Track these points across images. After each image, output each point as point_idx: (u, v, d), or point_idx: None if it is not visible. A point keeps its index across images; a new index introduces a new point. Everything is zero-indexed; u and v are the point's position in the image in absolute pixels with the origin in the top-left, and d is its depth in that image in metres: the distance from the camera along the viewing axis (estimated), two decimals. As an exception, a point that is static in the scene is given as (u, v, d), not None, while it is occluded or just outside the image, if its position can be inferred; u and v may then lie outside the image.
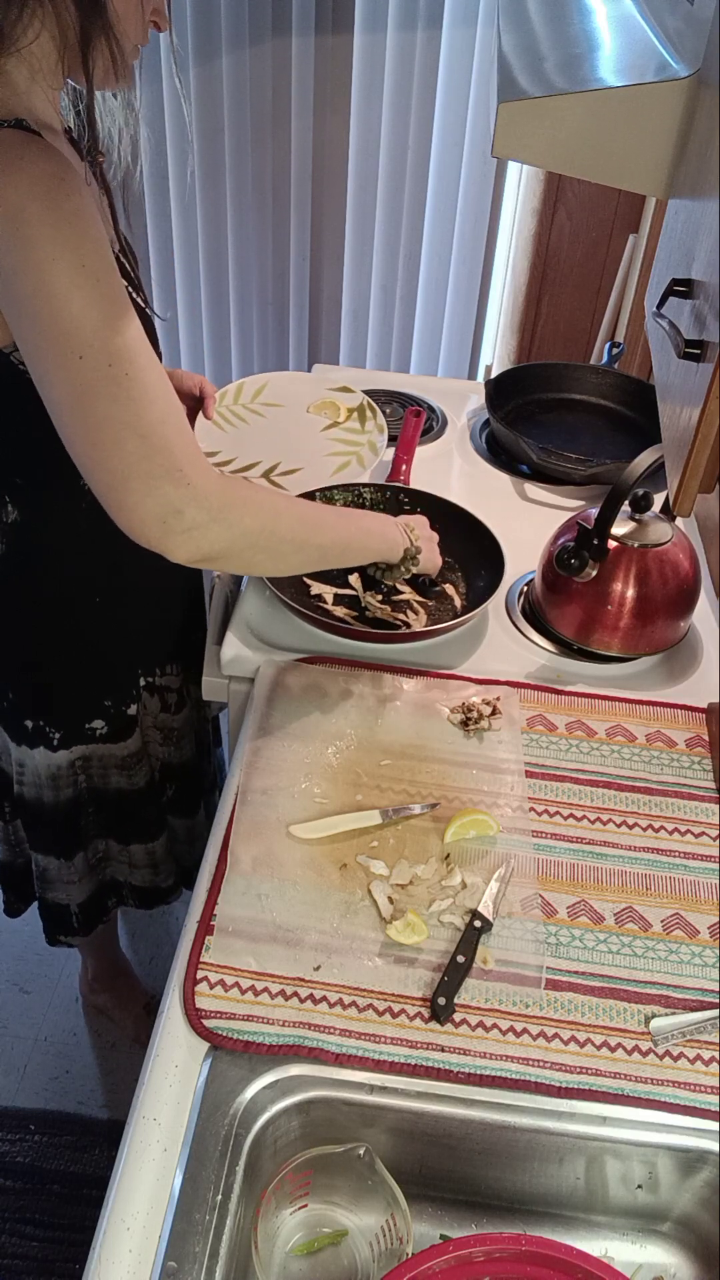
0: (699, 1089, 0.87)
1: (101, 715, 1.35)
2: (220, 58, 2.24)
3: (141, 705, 1.39)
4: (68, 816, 1.44)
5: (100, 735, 1.36)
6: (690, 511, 0.81)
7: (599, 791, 1.13)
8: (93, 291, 0.86)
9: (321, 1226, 0.90)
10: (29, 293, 0.86)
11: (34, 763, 1.38)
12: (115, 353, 0.88)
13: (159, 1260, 0.75)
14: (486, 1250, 0.73)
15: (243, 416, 1.57)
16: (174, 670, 1.41)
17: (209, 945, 0.94)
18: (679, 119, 0.91)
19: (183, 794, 1.55)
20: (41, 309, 0.86)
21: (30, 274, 0.85)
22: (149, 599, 1.32)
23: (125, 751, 1.40)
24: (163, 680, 1.40)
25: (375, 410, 1.56)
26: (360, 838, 1.05)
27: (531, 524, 1.47)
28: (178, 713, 1.45)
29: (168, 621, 1.39)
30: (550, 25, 1.12)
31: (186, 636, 1.43)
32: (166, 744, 1.47)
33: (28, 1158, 1.72)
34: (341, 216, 2.44)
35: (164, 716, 1.44)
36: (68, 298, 0.85)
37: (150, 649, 1.37)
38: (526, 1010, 0.91)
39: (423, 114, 2.29)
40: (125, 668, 1.35)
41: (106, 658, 1.32)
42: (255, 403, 1.60)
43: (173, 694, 1.43)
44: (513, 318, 2.52)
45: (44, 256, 0.85)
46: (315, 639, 1.28)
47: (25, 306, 0.87)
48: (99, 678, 1.33)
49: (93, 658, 1.31)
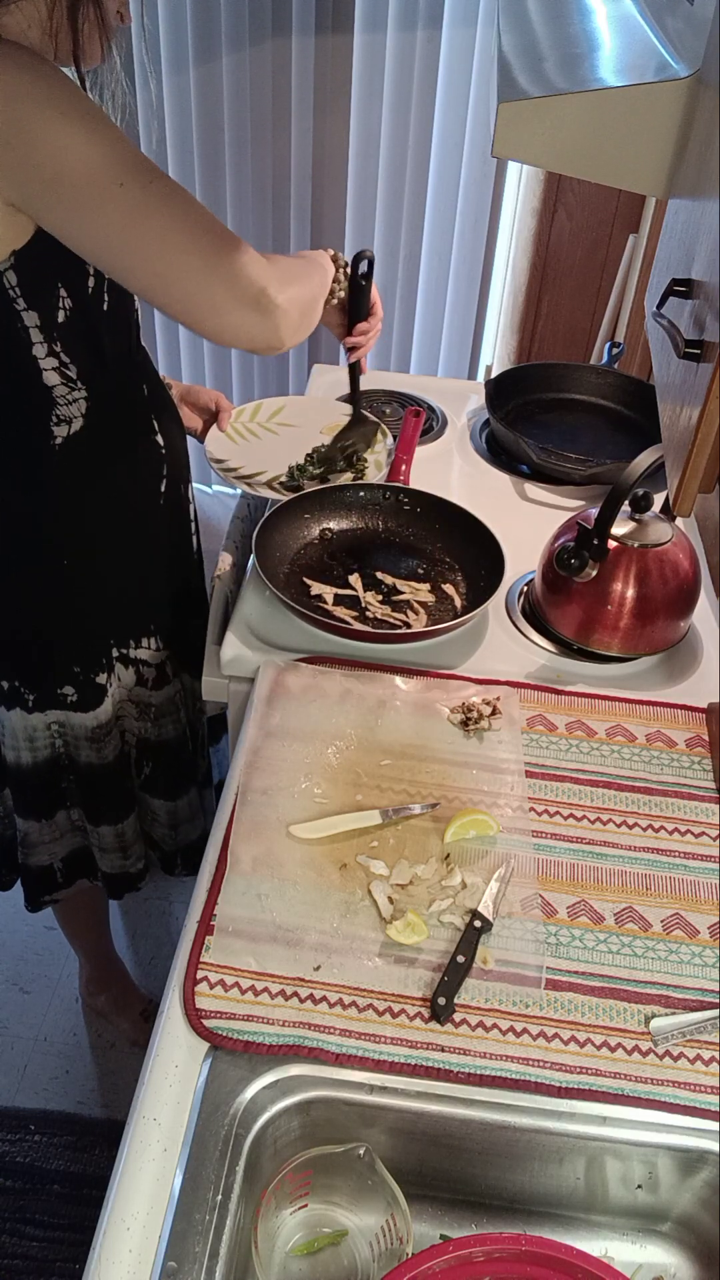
0: (699, 1089, 0.87)
1: (71, 682, 1.36)
2: (220, 58, 2.24)
3: (115, 677, 1.40)
4: (48, 778, 1.47)
5: (71, 703, 1.38)
6: (690, 511, 0.81)
7: (599, 791, 1.13)
8: (107, 131, 0.95)
9: (321, 1226, 0.90)
10: (50, 153, 0.93)
11: (12, 724, 1.40)
12: (149, 170, 0.97)
13: (159, 1260, 0.75)
14: (486, 1250, 0.73)
15: (255, 433, 1.60)
16: (153, 645, 1.42)
17: (209, 945, 0.94)
18: (679, 119, 0.91)
19: (163, 775, 1.55)
20: (71, 161, 0.94)
21: (46, 137, 0.93)
22: (121, 568, 1.33)
23: (94, 722, 1.41)
24: (139, 653, 1.41)
25: (386, 434, 1.61)
26: (360, 838, 1.05)
27: (531, 524, 1.47)
28: (156, 689, 1.46)
29: (146, 594, 1.39)
30: (550, 25, 1.12)
31: (174, 615, 1.44)
32: (143, 719, 1.48)
33: (27, 1158, 1.72)
34: (341, 216, 2.44)
35: (140, 691, 1.45)
36: (89, 141, 0.94)
37: (124, 620, 1.38)
38: (526, 1010, 0.91)
39: (423, 114, 2.29)
40: (95, 635, 1.36)
41: (75, 623, 1.33)
42: (271, 421, 1.63)
43: (150, 669, 1.43)
44: (513, 318, 2.52)
45: (53, 114, 0.92)
46: (315, 639, 1.28)
47: (48, 168, 0.94)
48: (68, 643, 1.34)
49: (60, 622, 1.32)
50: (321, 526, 1.46)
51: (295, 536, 1.44)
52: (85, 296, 1.09)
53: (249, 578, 1.37)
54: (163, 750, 1.52)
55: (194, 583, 1.51)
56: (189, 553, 1.48)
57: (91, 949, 1.89)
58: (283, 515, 1.42)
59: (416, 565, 1.42)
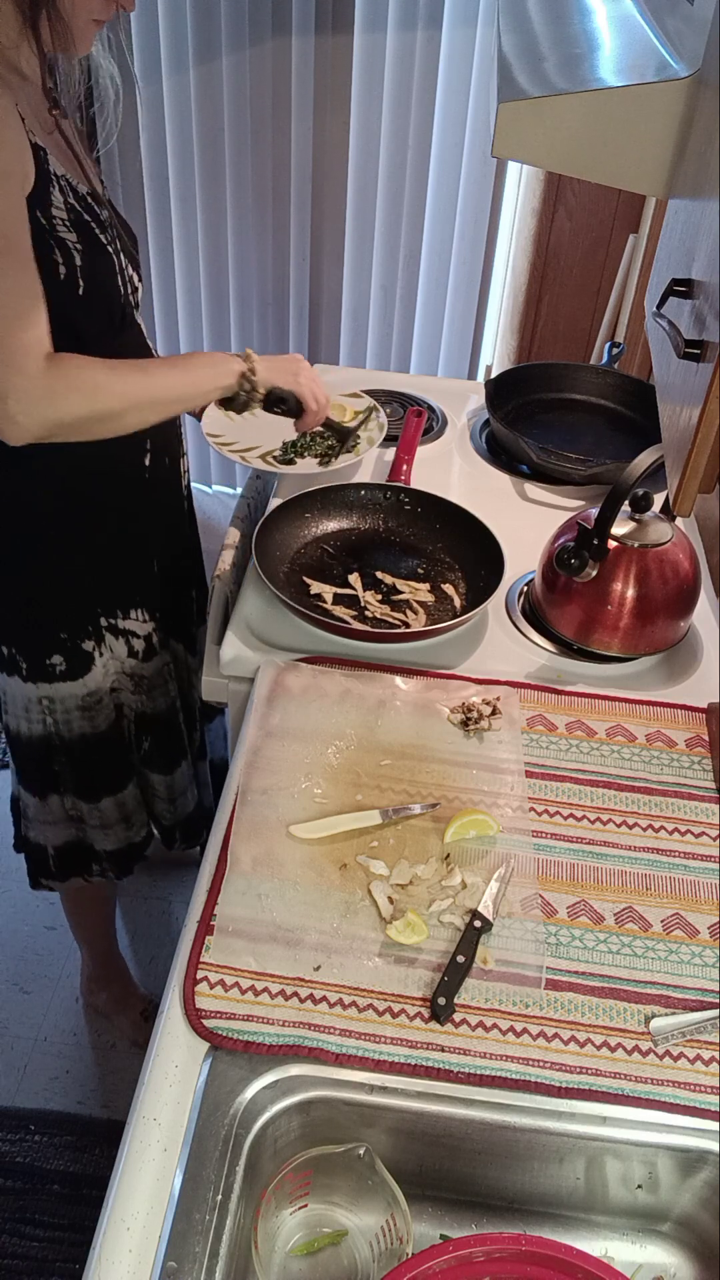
0: (699, 1089, 0.87)
1: (59, 650, 1.39)
2: (220, 58, 2.24)
3: (106, 648, 1.43)
4: (40, 754, 1.50)
5: (60, 673, 1.41)
6: (690, 511, 0.81)
7: (599, 791, 1.13)
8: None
9: (321, 1226, 0.90)
10: None
11: (11, 691, 1.44)
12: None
13: (159, 1260, 0.75)
14: (486, 1250, 0.73)
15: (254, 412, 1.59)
16: (141, 616, 1.45)
17: (209, 945, 0.94)
18: (679, 119, 0.91)
19: (159, 748, 1.58)
20: None
21: None
22: (103, 537, 1.36)
23: (84, 690, 1.44)
24: (127, 624, 1.43)
25: (379, 410, 1.63)
26: (360, 838, 1.05)
27: (531, 524, 1.47)
28: (147, 661, 1.49)
29: (133, 565, 1.42)
30: (550, 25, 1.12)
31: (165, 588, 1.47)
32: (138, 692, 1.51)
33: (27, 1158, 1.72)
34: (341, 216, 2.44)
35: (132, 663, 1.47)
36: None
37: (112, 590, 1.41)
38: (526, 1010, 0.91)
39: (423, 114, 2.29)
40: (82, 603, 1.39)
41: (60, 589, 1.36)
42: None
43: (140, 640, 1.46)
44: (513, 318, 2.52)
45: None
46: (315, 639, 1.28)
47: None
48: (55, 609, 1.37)
49: (46, 587, 1.36)
50: (321, 526, 1.46)
51: (295, 536, 1.44)
52: (57, 282, 1.13)
53: (249, 577, 1.37)
54: (155, 722, 1.55)
55: (185, 557, 1.53)
56: (181, 526, 1.50)
57: (96, 945, 1.90)
58: (283, 515, 1.42)
59: (416, 565, 1.42)
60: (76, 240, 1.14)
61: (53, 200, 1.11)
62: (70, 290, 1.14)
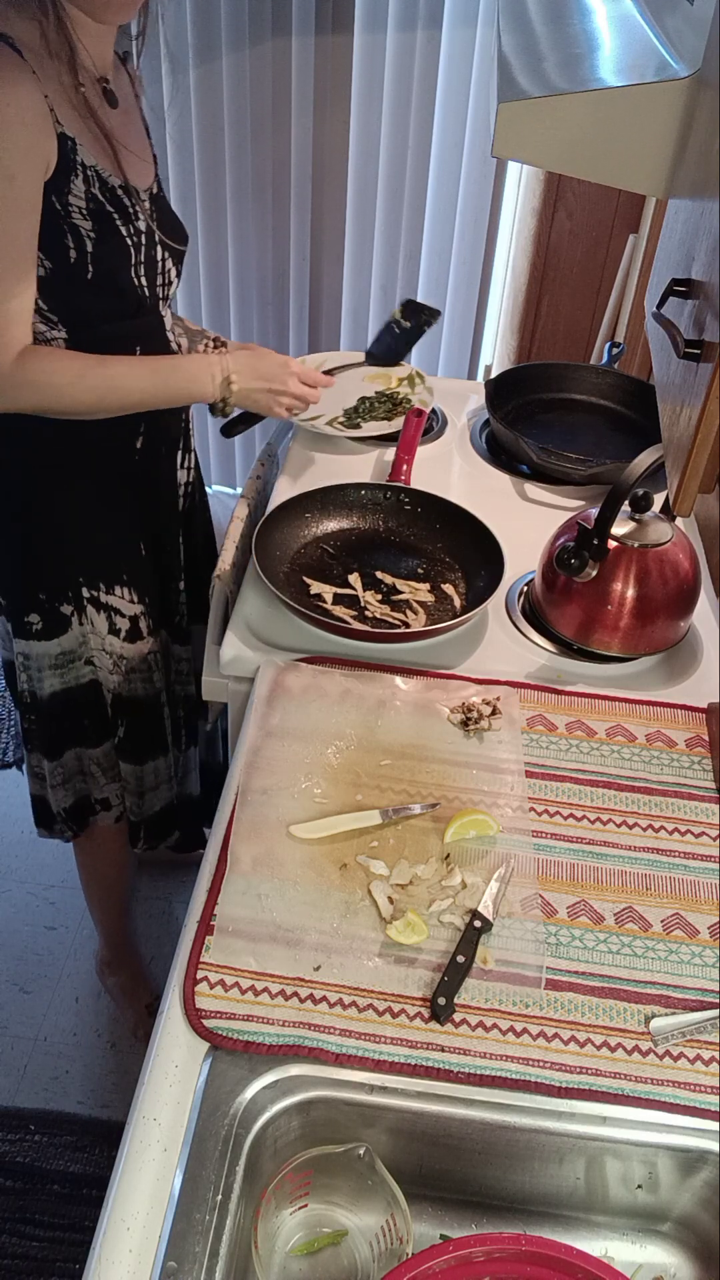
0: (699, 1089, 0.87)
1: (37, 609, 1.43)
2: (220, 58, 2.24)
3: (86, 617, 1.46)
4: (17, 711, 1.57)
5: (35, 631, 1.45)
6: (690, 511, 0.81)
7: (599, 791, 1.13)
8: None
9: (321, 1226, 0.90)
10: None
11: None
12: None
13: (159, 1260, 0.75)
14: (486, 1250, 0.73)
15: None
16: (126, 595, 1.47)
17: (209, 945, 0.94)
18: (679, 119, 0.91)
19: (132, 736, 1.61)
20: None
21: None
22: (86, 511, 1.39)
23: (58, 649, 1.48)
24: (110, 599, 1.46)
25: (423, 376, 1.76)
26: (360, 838, 1.05)
27: (531, 524, 1.47)
28: (129, 642, 1.51)
29: (118, 543, 1.45)
30: (550, 25, 1.12)
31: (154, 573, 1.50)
32: (116, 672, 1.53)
33: (27, 1157, 1.72)
34: (341, 216, 2.44)
35: (113, 640, 1.50)
36: None
37: (93, 562, 1.43)
38: (526, 1010, 0.91)
39: (423, 114, 2.29)
40: (61, 569, 1.42)
41: (40, 551, 1.41)
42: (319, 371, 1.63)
43: (124, 619, 1.48)
44: (513, 318, 2.52)
45: None
46: (315, 639, 1.28)
47: None
48: (34, 568, 1.42)
49: (26, 546, 1.40)
50: (321, 526, 1.46)
51: (295, 536, 1.44)
52: (68, 264, 1.19)
53: (249, 577, 1.37)
54: (133, 709, 1.57)
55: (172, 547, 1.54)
56: (173, 514, 1.51)
57: (107, 925, 1.93)
58: (283, 515, 1.42)
59: (416, 565, 1.42)
60: (91, 228, 1.19)
61: (72, 189, 1.16)
62: (79, 273, 1.21)
